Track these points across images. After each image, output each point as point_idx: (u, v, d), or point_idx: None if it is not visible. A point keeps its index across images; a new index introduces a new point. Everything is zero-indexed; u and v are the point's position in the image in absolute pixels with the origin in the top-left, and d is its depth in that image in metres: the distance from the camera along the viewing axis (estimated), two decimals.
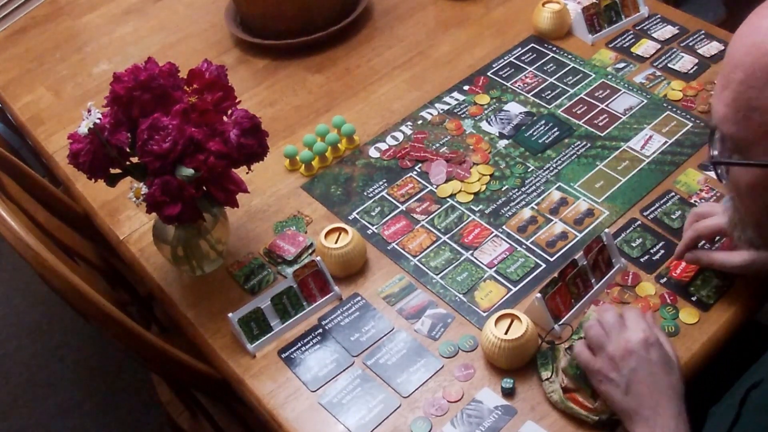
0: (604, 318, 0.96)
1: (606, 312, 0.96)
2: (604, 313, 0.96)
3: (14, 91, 1.65)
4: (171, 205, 1.02)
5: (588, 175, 1.27)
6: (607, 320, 0.95)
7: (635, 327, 0.93)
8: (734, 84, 0.74)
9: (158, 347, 1.08)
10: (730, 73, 0.75)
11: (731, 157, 0.79)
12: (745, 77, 0.73)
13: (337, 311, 1.13)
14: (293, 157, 1.35)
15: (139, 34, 1.75)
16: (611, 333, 0.94)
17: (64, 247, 1.43)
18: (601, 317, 0.96)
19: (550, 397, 0.98)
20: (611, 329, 0.94)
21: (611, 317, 0.95)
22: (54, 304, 2.21)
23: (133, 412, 1.99)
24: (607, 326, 0.95)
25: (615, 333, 0.93)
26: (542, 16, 1.53)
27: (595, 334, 0.95)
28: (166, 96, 1.03)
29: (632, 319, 0.95)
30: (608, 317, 0.95)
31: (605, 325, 0.95)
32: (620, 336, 0.93)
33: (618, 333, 0.93)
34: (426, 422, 0.99)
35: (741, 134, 0.75)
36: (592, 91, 1.42)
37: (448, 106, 1.43)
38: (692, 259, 1.07)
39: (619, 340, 0.92)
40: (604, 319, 0.96)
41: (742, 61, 0.73)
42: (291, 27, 1.60)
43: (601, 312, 0.97)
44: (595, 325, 0.96)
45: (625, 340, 0.92)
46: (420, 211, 1.25)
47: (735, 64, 0.74)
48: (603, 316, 0.96)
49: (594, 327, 0.95)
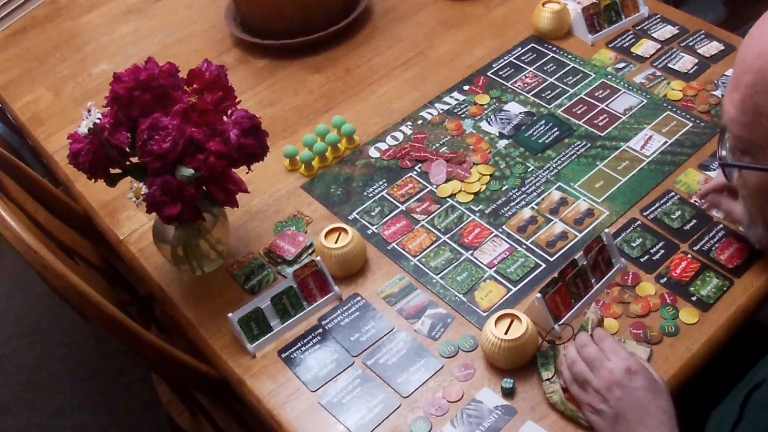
0: (584, 353, 0.96)
1: (584, 347, 0.97)
2: (583, 349, 0.96)
3: (14, 91, 1.65)
4: (171, 205, 1.02)
5: (588, 175, 1.27)
6: (588, 355, 0.95)
7: (615, 357, 0.94)
8: (743, 87, 0.74)
9: (158, 347, 1.08)
10: (740, 74, 0.75)
11: (741, 158, 0.79)
12: (754, 81, 0.73)
13: (337, 311, 1.13)
14: (293, 157, 1.35)
15: (139, 34, 1.75)
16: (593, 367, 0.94)
17: (64, 247, 1.43)
18: (581, 353, 0.96)
19: (549, 397, 0.98)
20: (593, 363, 0.94)
21: (591, 352, 0.95)
22: (54, 304, 2.22)
23: (133, 412, 1.99)
24: (588, 361, 0.95)
25: (597, 366, 0.94)
26: (542, 16, 1.53)
27: (579, 370, 0.95)
28: (166, 96, 1.03)
29: (611, 350, 0.95)
30: (588, 352, 0.96)
31: (586, 359, 0.95)
32: (603, 368, 0.93)
33: (600, 366, 0.94)
34: (426, 422, 0.99)
35: (749, 137, 0.75)
36: (592, 91, 1.42)
37: (448, 106, 1.43)
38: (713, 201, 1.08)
39: (603, 372, 0.93)
40: (584, 355, 0.96)
41: (753, 65, 0.73)
42: (291, 27, 1.60)
43: (580, 347, 0.97)
44: (577, 361, 0.96)
45: (608, 371, 0.93)
46: (420, 211, 1.25)
47: (745, 67, 0.74)
48: (582, 351, 0.96)
49: (576, 363, 0.96)
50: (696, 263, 1.11)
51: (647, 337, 1.03)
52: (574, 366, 0.96)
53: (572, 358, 0.97)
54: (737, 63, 0.76)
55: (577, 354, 0.97)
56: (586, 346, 0.96)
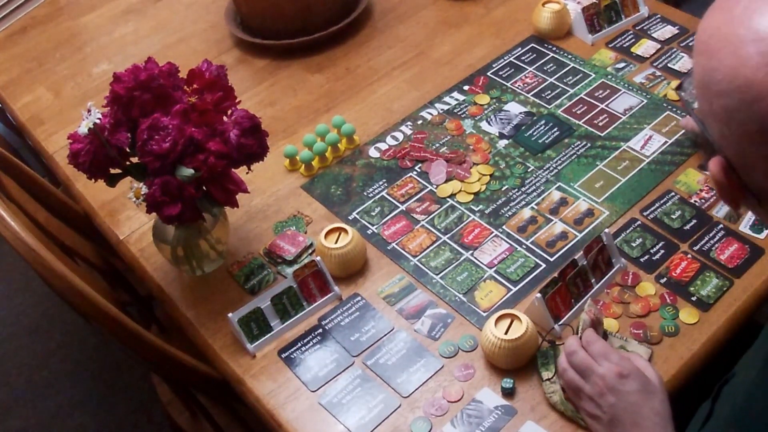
0: (574, 361, 0.95)
1: (574, 355, 0.96)
2: (573, 357, 0.96)
3: (14, 91, 1.65)
4: (171, 205, 1.02)
5: (588, 175, 1.27)
6: (578, 363, 0.95)
7: (606, 362, 0.93)
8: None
9: (158, 347, 1.08)
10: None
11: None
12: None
13: (337, 311, 1.13)
14: (293, 157, 1.35)
15: (139, 34, 1.75)
16: (585, 374, 0.94)
17: (64, 247, 1.43)
18: (570, 361, 0.96)
19: (549, 397, 0.98)
20: (584, 371, 0.94)
21: (581, 358, 0.95)
22: (54, 304, 2.22)
23: (133, 412, 1.99)
24: (579, 368, 0.95)
25: (589, 373, 0.93)
26: (542, 16, 1.53)
27: (571, 378, 0.95)
28: (166, 96, 1.03)
29: (600, 354, 0.94)
30: (578, 359, 0.95)
31: (577, 367, 0.95)
32: (594, 375, 0.93)
33: (591, 373, 0.93)
34: (426, 422, 0.99)
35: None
36: (592, 91, 1.42)
37: (448, 106, 1.43)
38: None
39: (595, 379, 0.93)
40: (574, 363, 0.95)
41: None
42: (291, 27, 1.60)
43: (570, 356, 0.96)
44: (567, 369, 0.96)
45: (599, 377, 0.92)
46: (420, 211, 1.25)
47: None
48: (572, 359, 0.96)
49: (567, 371, 0.96)
50: (696, 263, 1.11)
51: (647, 337, 1.03)
52: (565, 374, 0.96)
53: (563, 365, 0.96)
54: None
55: (566, 362, 0.96)
56: (576, 353, 0.95)
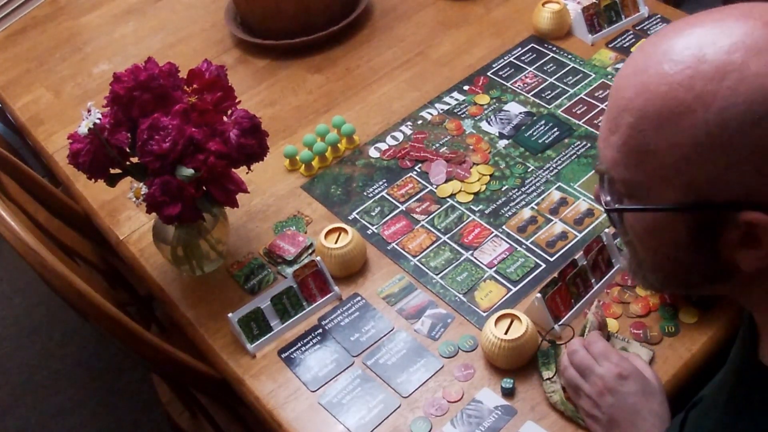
0: (574, 360, 0.96)
1: (575, 353, 0.96)
2: (573, 356, 0.96)
3: (14, 91, 1.65)
4: (171, 205, 1.02)
5: (588, 175, 1.27)
6: (579, 362, 0.95)
7: (606, 362, 0.93)
8: (624, 128, 0.66)
9: (158, 347, 1.08)
10: (617, 116, 0.67)
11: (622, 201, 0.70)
12: (636, 121, 0.65)
13: (337, 311, 1.13)
14: (293, 157, 1.34)
15: (139, 34, 1.75)
16: (585, 374, 0.94)
17: (64, 247, 1.43)
18: (571, 359, 0.96)
19: (550, 397, 0.98)
20: (584, 370, 0.94)
21: (581, 357, 0.95)
22: (54, 304, 2.22)
23: (133, 412, 1.99)
24: (579, 368, 0.95)
25: (588, 373, 0.94)
26: (542, 16, 1.53)
27: (570, 377, 0.95)
28: (166, 96, 1.03)
29: (601, 354, 0.94)
30: (578, 358, 0.95)
31: (577, 366, 0.95)
32: (594, 374, 0.93)
33: (591, 372, 0.93)
34: (426, 422, 0.99)
35: (636, 179, 0.67)
36: (592, 91, 1.42)
37: (448, 106, 1.43)
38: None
39: (594, 379, 0.93)
40: (575, 362, 0.95)
41: (632, 104, 0.66)
42: (291, 27, 1.60)
43: (571, 355, 0.97)
44: (568, 367, 0.96)
45: (599, 377, 0.92)
46: (420, 211, 1.25)
47: (623, 107, 0.66)
48: (573, 358, 0.96)
49: (567, 369, 0.96)
50: None
51: (647, 337, 1.03)
52: (565, 372, 0.96)
53: (564, 364, 0.97)
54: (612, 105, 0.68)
55: (568, 360, 0.97)
56: (577, 352, 0.96)
